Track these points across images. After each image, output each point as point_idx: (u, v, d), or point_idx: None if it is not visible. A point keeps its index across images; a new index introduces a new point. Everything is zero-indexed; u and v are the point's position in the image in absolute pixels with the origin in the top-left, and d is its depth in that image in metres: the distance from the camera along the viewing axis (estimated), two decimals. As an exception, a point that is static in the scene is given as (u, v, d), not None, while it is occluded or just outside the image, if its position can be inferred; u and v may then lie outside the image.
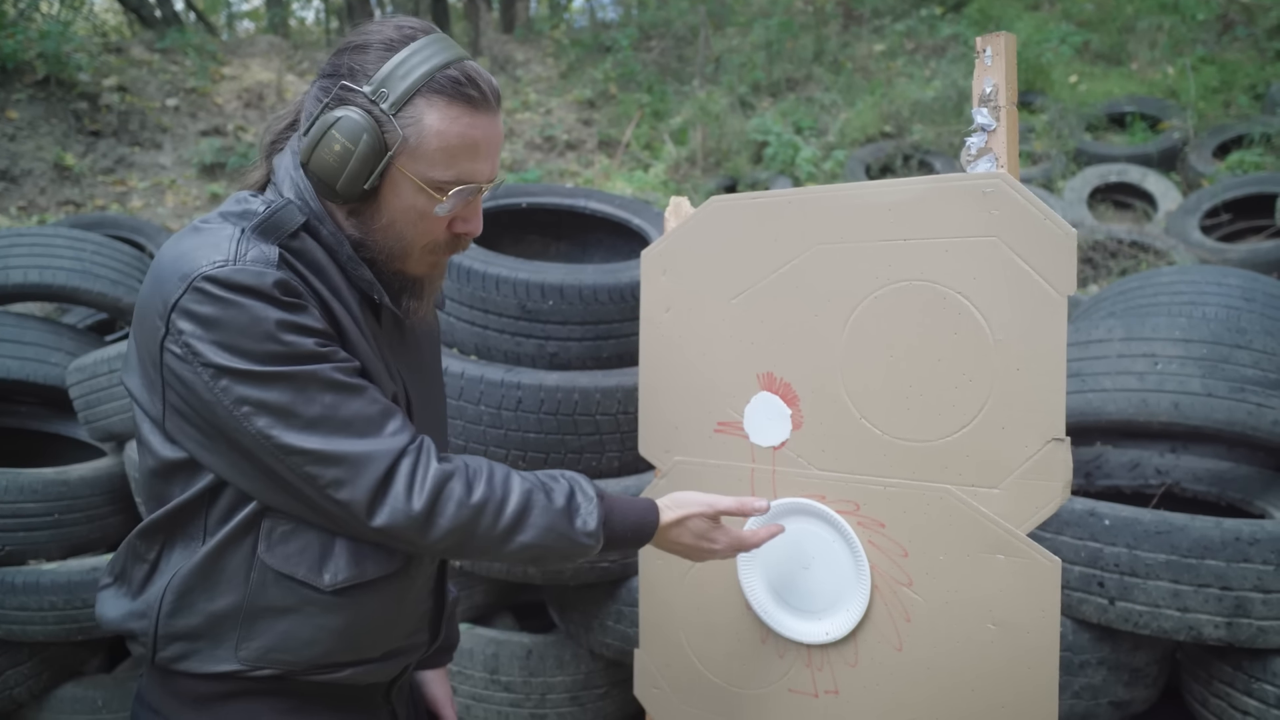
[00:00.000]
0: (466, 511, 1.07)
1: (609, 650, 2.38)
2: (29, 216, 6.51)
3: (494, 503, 1.09)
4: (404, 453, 1.05)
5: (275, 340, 0.99)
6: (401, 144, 1.03)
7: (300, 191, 1.09)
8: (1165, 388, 2.15)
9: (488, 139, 1.08)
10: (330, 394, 1.01)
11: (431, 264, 1.15)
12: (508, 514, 1.09)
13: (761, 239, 1.54)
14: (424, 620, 1.26)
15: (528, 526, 1.11)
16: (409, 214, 1.08)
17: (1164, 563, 1.87)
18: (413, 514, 1.04)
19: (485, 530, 1.09)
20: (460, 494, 1.07)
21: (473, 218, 1.13)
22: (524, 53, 10.91)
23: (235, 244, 1.01)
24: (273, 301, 0.99)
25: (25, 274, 3.04)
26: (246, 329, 0.98)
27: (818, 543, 1.49)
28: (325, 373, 1.01)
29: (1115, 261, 5.39)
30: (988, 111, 1.39)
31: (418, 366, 1.26)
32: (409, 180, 1.05)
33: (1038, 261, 1.31)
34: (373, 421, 1.04)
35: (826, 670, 1.49)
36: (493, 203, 2.88)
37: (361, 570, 1.10)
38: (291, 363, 1.00)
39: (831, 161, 7.24)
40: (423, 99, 1.03)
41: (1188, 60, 7.52)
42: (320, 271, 1.08)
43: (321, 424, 1.01)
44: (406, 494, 1.03)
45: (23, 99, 7.30)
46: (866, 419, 1.44)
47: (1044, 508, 1.32)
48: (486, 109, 1.07)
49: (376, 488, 1.02)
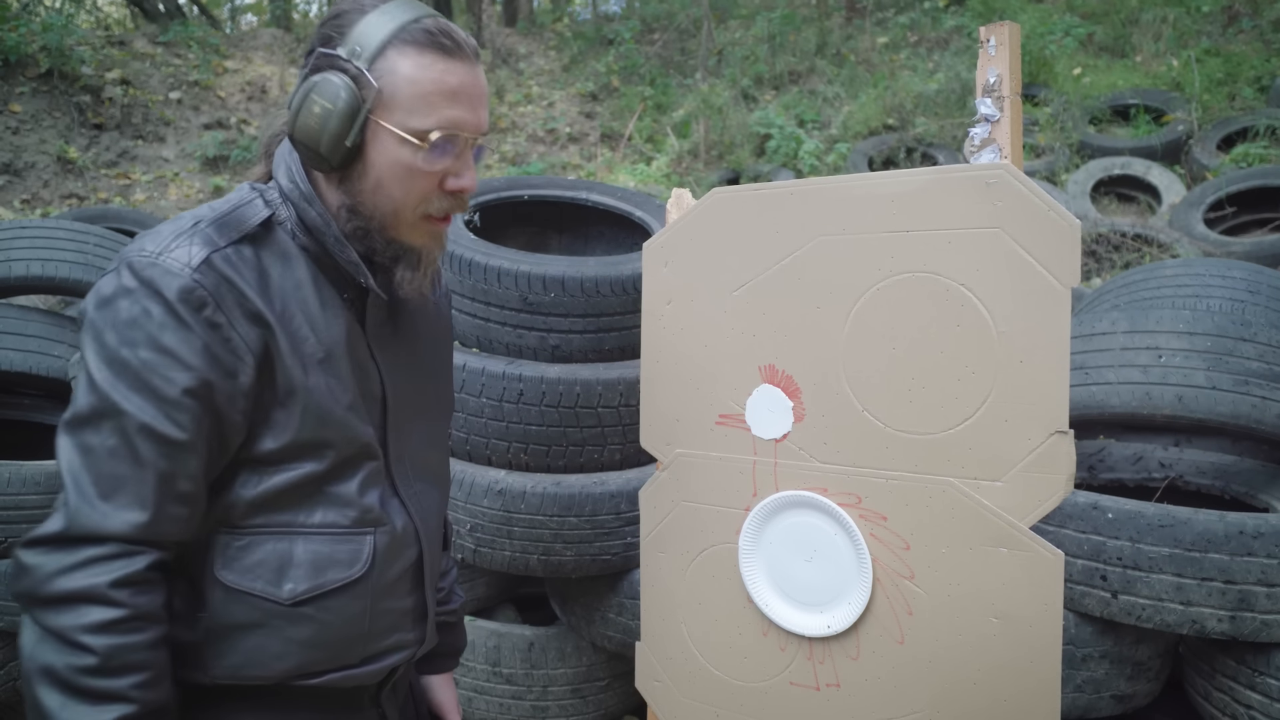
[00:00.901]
0: (69, 634, 0.94)
1: (611, 643, 2.38)
2: (32, 209, 6.51)
3: (91, 662, 0.94)
4: (105, 538, 0.95)
5: (133, 349, 0.96)
6: (377, 96, 1.02)
7: (291, 174, 1.08)
8: (1169, 381, 2.15)
9: (465, 86, 1.05)
10: (116, 439, 0.96)
11: (428, 231, 1.10)
12: (83, 683, 0.94)
13: (763, 231, 1.54)
14: (405, 620, 1.21)
15: (72, 713, 0.94)
16: (396, 170, 1.04)
17: (1167, 556, 1.86)
18: (49, 588, 0.94)
19: (63, 667, 0.94)
20: (89, 621, 0.94)
21: (464, 172, 1.08)
22: (526, 46, 10.89)
23: (174, 237, 1.00)
24: (167, 308, 0.97)
25: (28, 266, 3.04)
26: (124, 323, 0.97)
27: (819, 536, 1.48)
28: (131, 419, 0.96)
29: (1119, 255, 5.37)
30: (991, 102, 1.39)
31: (411, 364, 1.22)
32: (390, 133, 1.03)
33: (1041, 253, 1.30)
34: (116, 489, 0.96)
35: (828, 663, 1.49)
36: (494, 195, 2.87)
37: (323, 579, 1.07)
38: (122, 384, 0.96)
39: (834, 154, 7.22)
40: (394, 50, 1.02)
41: (1192, 52, 7.49)
42: (284, 266, 1.06)
43: (89, 454, 0.97)
44: (60, 572, 0.94)
45: (26, 92, 7.30)
46: (869, 411, 1.43)
47: (1047, 501, 1.32)
48: (461, 57, 1.04)
49: (55, 539, 0.96)
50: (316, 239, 1.08)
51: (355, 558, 1.10)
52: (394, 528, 1.16)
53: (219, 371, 0.99)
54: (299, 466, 1.07)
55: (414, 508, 1.20)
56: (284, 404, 1.04)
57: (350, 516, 1.11)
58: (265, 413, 1.04)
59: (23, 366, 2.84)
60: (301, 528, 1.08)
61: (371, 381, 1.14)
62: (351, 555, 1.10)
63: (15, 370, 2.83)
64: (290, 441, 1.05)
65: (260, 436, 1.04)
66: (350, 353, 1.10)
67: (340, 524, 1.10)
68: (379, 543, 1.13)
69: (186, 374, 0.97)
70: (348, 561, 1.10)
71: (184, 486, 0.99)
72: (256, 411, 1.04)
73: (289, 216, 1.09)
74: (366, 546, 1.12)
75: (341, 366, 1.09)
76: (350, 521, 1.11)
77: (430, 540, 1.23)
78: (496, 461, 2.34)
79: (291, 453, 1.06)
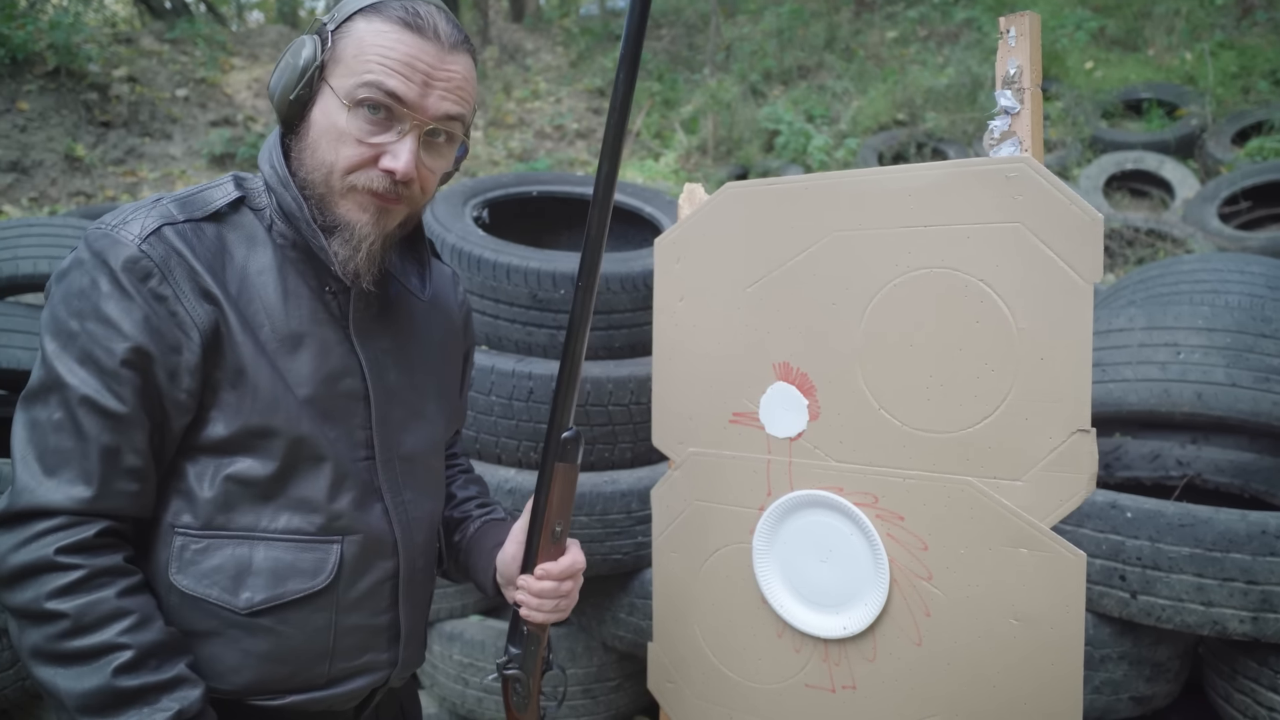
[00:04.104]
0: (35, 606, 0.93)
1: (622, 643, 2.36)
2: (40, 207, 6.52)
3: (65, 625, 0.93)
4: (51, 511, 0.94)
5: (79, 320, 0.96)
6: (329, 53, 1.02)
7: (271, 158, 1.07)
8: (1188, 378, 2.12)
9: (416, 61, 1.01)
10: (61, 412, 0.96)
11: (363, 204, 1.04)
12: (70, 645, 0.93)
13: (777, 226, 1.51)
14: (377, 639, 1.14)
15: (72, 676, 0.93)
16: (329, 132, 1.02)
17: (1188, 556, 1.83)
18: (4, 564, 0.94)
19: (44, 639, 0.94)
20: (49, 589, 0.93)
21: (401, 153, 1.02)
22: (533, 41, 10.87)
23: (133, 211, 1.01)
24: (110, 276, 0.96)
25: (35, 264, 3.03)
26: (74, 294, 0.97)
27: (835, 536, 1.46)
28: (74, 391, 0.95)
29: (1132, 250, 5.33)
30: (1011, 94, 1.36)
31: (404, 363, 1.17)
32: (330, 92, 1.02)
33: (1063, 248, 1.28)
34: (61, 463, 0.95)
35: (844, 665, 1.46)
36: (502, 191, 2.85)
37: (282, 588, 1.04)
38: (67, 356, 0.96)
39: (844, 150, 7.19)
40: (361, 16, 1.02)
41: (1206, 45, 7.43)
42: (249, 250, 1.05)
43: (36, 428, 0.96)
44: (15, 546, 0.94)
45: (33, 90, 7.31)
46: (885, 409, 1.41)
47: (1068, 501, 1.29)
48: (426, 36, 1.02)
49: (6, 517, 0.95)
50: (294, 225, 1.06)
51: (319, 567, 1.06)
52: (367, 537, 1.10)
53: (160, 344, 0.97)
54: (251, 460, 1.03)
55: (398, 516, 1.14)
56: (234, 385, 1.01)
57: (316, 523, 1.06)
58: (216, 393, 1.01)
59: (30, 365, 2.82)
60: (263, 533, 1.04)
61: (352, 378, 1.09)
62: (315, 565, 1.06)
63: (23, 368, 2.81)
64: (241, 428, 1.02)
65: (211, 420, 1.02)
66: (319, 347, 1.07)
67: (305, 530, 1.06)
68: (346, 552, 1.08)
69: (124, 343, 0.96)
70: (311, 571, 1.05)
71: (130, 461, 0.98)
72: (207, 392, 1.01)
73: (269, 205, 1.07)
74: (332, 556, 1.07)
75: (301, 359, 1.05)
76: (316, 528, 1.06)
77: (411, 553, 1.17)
78: (506, 460, 2.32)
79: (241, 441, 1.02)
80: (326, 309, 1.09)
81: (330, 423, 1.07)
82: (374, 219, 1.05)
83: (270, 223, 1.07)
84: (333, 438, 1.07)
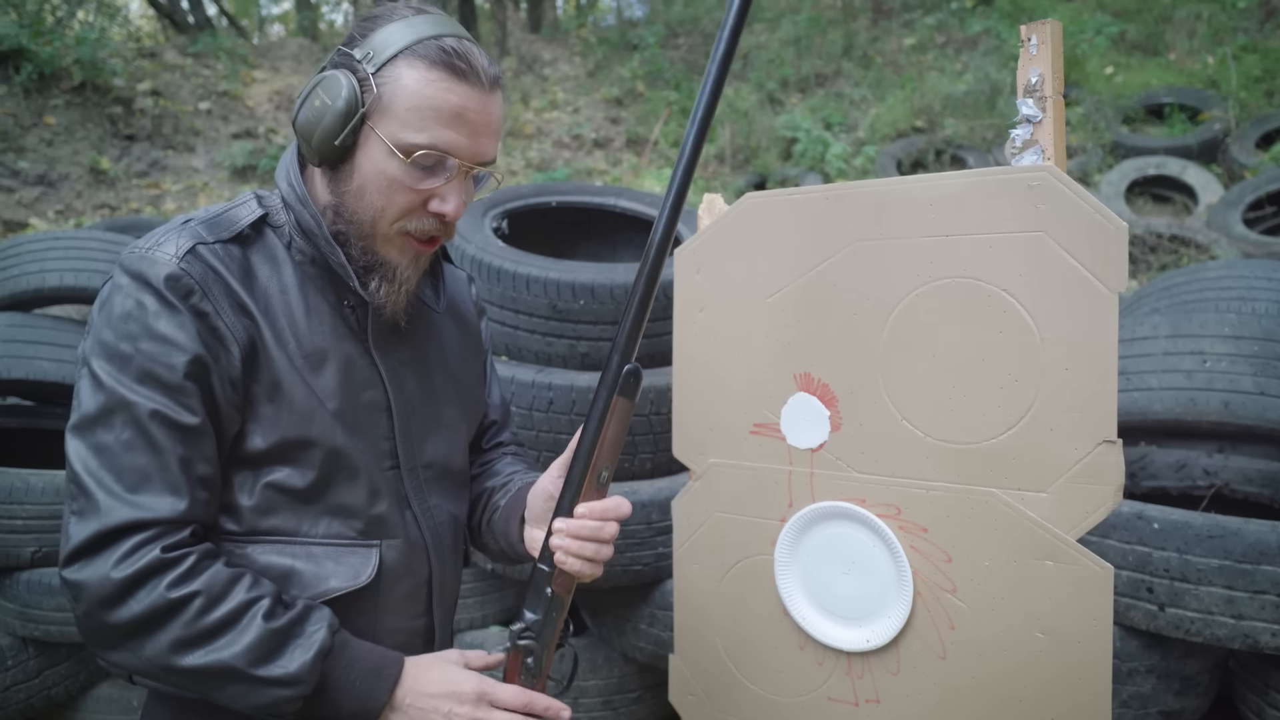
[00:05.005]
0: (160, 603, 0.94)
1: (642, 654, 2.35)
2: (66, 220, 6.60)
3: (200, 601, 0.95)
4: (141, 525, 0.95)
5: (131, 341, 0.97)
6: (375, 101, 1.01)
7: (289, 176, 1.08)
8: (1215, 386, 2.09)
9: (468, 111, 1.02)
10: (130, 431, 0.96)
11: (403, 248, 1.07)
12: (212, 617, 0.95)
13: (798, 236, 1.51)
14: (414, 642, 1.17)
15: (227, 643, 0.95)
16: (379, 179, 1.03)
17: (1217, 568, 1.81)
18: (109, 583, 0.93)
19: (182, 628, 0.95)
20: (169, 580, 0.94)
21: (450, 196, 1.05)
22: (551, 52, 10.92)
23: (164, 233, 1.02)
24: (155, 294, 0.97)
25: (61, 277, 3.07)
26: (120, 318, 0.98)
27: (857, 547, 1.45)
28: (141, 408, 0.96)
29: (1155, 256, 5.28)
30: (1033, 102, 1.35)
31: (423, 373, 1.19)
32: (380, 141, 1.02)
33: (1087, 257, 1.27)
34: (142, 480, 0.96)
35: (867, 678, 1.45)
36: (521, 202, 2.86)
37: (324, 587, 1.06)
38: (125, 377, 0.96)
39: (862, 157, 7.16)
40: (404, 60, 1.01)
41: (1228, 49, 7.36)
42: (271, 269, 1.06)
43: (104, 452, 0.96)
44: (117, 562, 0.94)
45: (60, 105, 7.41)
46: (908, 420, 1.40)
47: (1095, 512, 1.27)
48: (473, 82, 1.02)
49: (93, 540, 0.94)
50: (312, 242, 1.07)
51: (360, 569, 1.08)
52: (405, 541, 1.13)
53: (212, 355, 0.99)
54: (290, 470, 1.05)
55: (426, 522, 1.17)
56: (271, 398, 1.03)
57: (356, 527, 1.09)
58: (255, 407, 1.03)
59: (56, 376, 2.86)
60: (305, 538, 1.06)
61: (373, 390, 1.12)
62: (356, 566, 1.08)
63: (50, 380, 2.85)
64: (279, 440, 1.04)
65: (251, 433, 1.03)
66: (342, 361, 1.09)
67: (346, 535, 1.08)
68: (386, 555, 1.11)
69: (183, 356, 0.97)
70: (352, 573, 1.08)
71: (202, 469, 1.00)
72: (247, 405, 1.03)
73: (288, 222, 1.09)
74: (373, 558, 1.09)
75: (326, 374, 1.07)
76: (356, 532, 1.09)
77: (441, 558, 1.19)
78: (526, 470, 2.32)
79: (281, 452, 1.04)
80: (346, 323, 1.11)
81: (357, 434, 1.09)
82: (413, 261, 1.09)
83: (289, 240, 1.09)
84: (361, 448, 1.09)
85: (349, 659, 1.01)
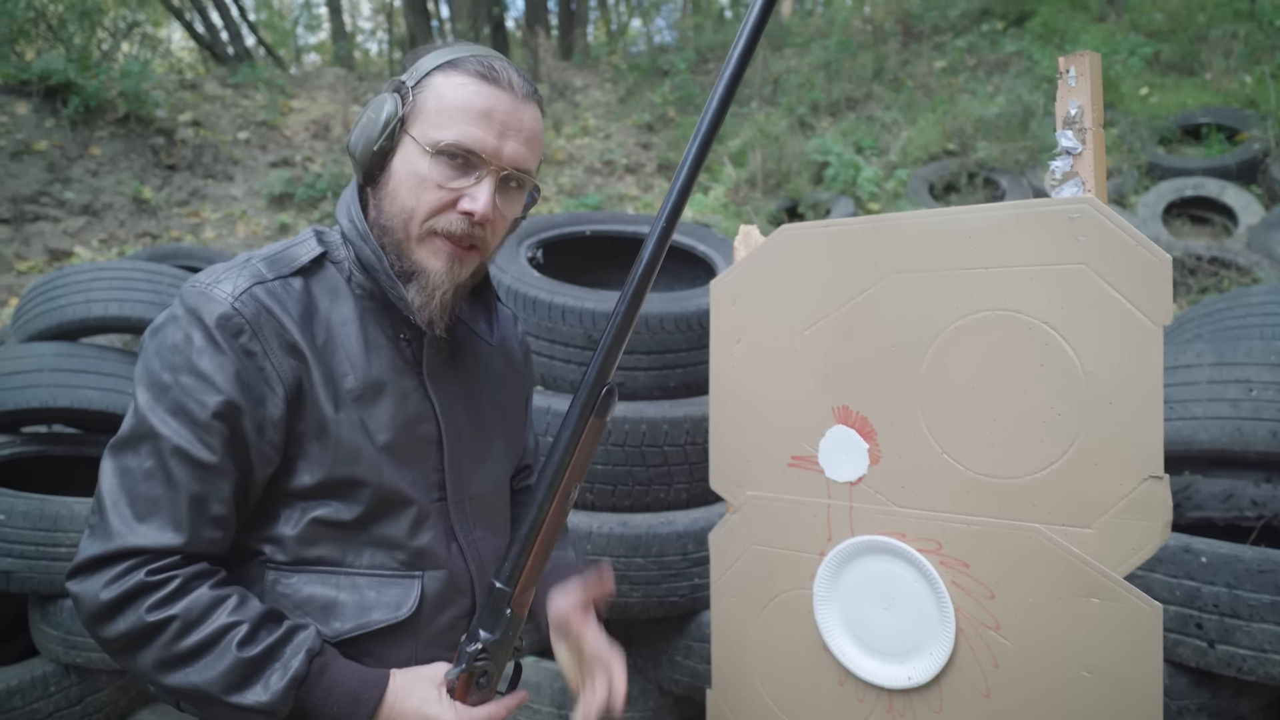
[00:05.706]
0: (140, 625, 0.98)
1: (678, 686, 2.34)
2: (109, 249, 6.75)
3: (176, 625, 0.98)
4: (135, 552, 0.99)
5: (173, 373, 1.00)
6: (410, 108, 1.07)
7: (349, 212, 1.12)
8: (1262, 415, 2.05)
9: (495, 111, 1.06)
10: (152, 461, 1.00)
11: (435, 249, 1.08)
12: (188, 642, 0.98)
13: (835, 268, 1.50)
14: None
15: (203, 668, 0.98)
16: (410, 179, 1.06)
17: (1269, 604, 1.76)
18: (97, 602, 0.98)
19: (161, 649, 0.98)
20: (149, 603, 0.98)
21: (479, 195, 1.06)
22: (582, 78, 11.03)
23: (226, 270, 1.06)
24: (204, 332, 1.01)
25: (105, 307, 3.13)
26: (168, 349, 1.02)
27: (898, 582, 1.43)
28: (166, 442, 1.00)
29: (1194, 279, 5.19)
30: (1073, 134, 1.34)
31: (473, 407, 1.22)
32: (413, 142, 1.07)
33: (1130, 290, 1.25)
34: (151, 510, 1.00)
35: (909, 716, 1.43)
36: (556, 231, 2.88)
37: (366, 619, 1.08)
38: (159, 407, 1.00)
39: (894, 181, 7.14)
40: (440, 72, 1.08)
41: (1266, 68, 7.26)
42: (332, 301, 1.09)
43: (127, 475, 1.01)
44: (106, 583, 0.98)
45: (105, 136, 7.60)
46: (948, 454, 1.39)
47: (1141, 549, 1.25)
48: (502, 87, 1.07)
49: (95, 560, 0.99)
50: (372, 276, 1.10)
51: (402, 600, 1.10)
52: (448, 573, 1.14)
53: (249, 398, 1.02)
54: (338, 505, 1.07)
55: (470, 554, 1.18)
56: (318, 438, 1.06)
57: (399, 559, 1.11)
58: (302, 445, 1.06)
59: (101, 405, 2.91)
60: (349, 568, 1.09)
61: (426, 424, 1.14)
62: (399, 598, 1.10)
63: (94, 409, 2.90)
64: (325, 477, 1.06)
65: (297, 470, 1.06)
66: (398, 394, 1.11)
67: (389, 565, 1.10)
68: (428, 587, 1.12)
69: (216, 396, 1.00)
70: (395, 604, 1.10)
71: (216, 509, 1.02)
72: (292, 443, 1.06)
73: (348, 256, 1.12)
74: (415, 589, 1.11)
75: (381, 407, 1.10)
76: (399, 564, 1.11)
77: (485, 591, 1.19)
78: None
79: (328, 489, 1.07)
80: (402, 356, 1.13)
81: (407, 467, 1.12)
82: (448, 267, 1.09)
83: (349, 274, 1.12)
84: (410, 481, 1.11)
85: (328, 684, 1.03)
